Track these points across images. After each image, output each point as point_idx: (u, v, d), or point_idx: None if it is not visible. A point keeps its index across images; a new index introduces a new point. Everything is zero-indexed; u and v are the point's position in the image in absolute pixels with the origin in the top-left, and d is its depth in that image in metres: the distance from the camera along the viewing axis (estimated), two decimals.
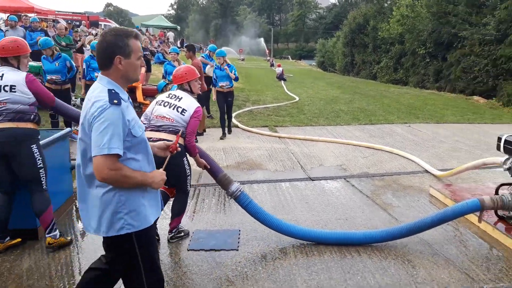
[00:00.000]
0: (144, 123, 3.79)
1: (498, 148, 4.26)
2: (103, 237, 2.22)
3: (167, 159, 2.57)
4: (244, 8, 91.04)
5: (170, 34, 34.82)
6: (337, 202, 5.05)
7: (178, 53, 9.09)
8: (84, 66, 8.13)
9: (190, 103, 3.81)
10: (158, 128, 3.73)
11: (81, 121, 2.17)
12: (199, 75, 4.14)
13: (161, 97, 3.96)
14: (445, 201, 4.95)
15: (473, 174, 6.14)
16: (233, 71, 8.27)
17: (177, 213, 3.98)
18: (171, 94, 3.93)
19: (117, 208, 2.12)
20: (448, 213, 3.82)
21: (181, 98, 3.84)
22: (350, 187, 5.64)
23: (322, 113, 11.62)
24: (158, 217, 2.41)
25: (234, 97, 8.86)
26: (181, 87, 3.98)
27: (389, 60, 27.96)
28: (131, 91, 8.31)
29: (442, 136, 8.81)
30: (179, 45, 31.29)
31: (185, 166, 3.87)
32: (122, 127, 2.07)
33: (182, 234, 4.02)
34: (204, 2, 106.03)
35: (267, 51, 66.21)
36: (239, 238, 4.00)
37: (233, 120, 10.06)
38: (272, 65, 39.80)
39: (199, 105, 3.86)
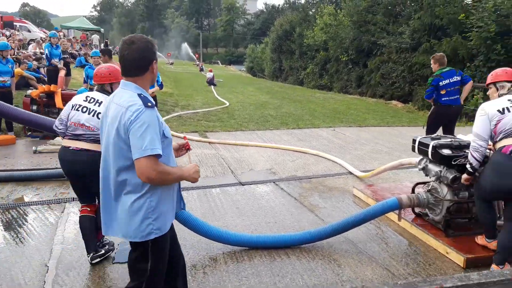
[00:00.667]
0: (59, 129, 3.55)
1: (413, 150, 4.55)
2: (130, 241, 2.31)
3: (189, 156, 2.62)
4: (172, 11, 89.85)
5: (95, 37, 33.32)
6: (267, 206, 5.11)
7: (100, 57, 8.74)
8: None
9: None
10: (77, 138, 3.46)
11: (106, 129, 2.24)
12: None
13: (77, 100, 3.59)
14: (367, 201, 5.20)
15: (392, 174, 6.52)
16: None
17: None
18: (88, 97, 3.57)
19: (147, 214, 2.19)
20: (370, 213, 4.02)
21: (101, 102, 3.50)
22: (279, 190, 5.74)
23: (252, 118, 11.75)
24: None
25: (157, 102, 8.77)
26: (101, 88, 3.62)
27: (314, 66, 29.05)
28: (49, 96, 7.83)
29: (364, 139, 9.28)
30: (102, 47, 30.04)
31: None
32: (159, 128, 2.17)
33: (107, 247, 3.76)
34: (129, 4, 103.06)
35: (196, 55, 65.79)
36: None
37: None
38: (201, 69, 39.63)
39: None
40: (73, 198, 5.13)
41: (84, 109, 3.49)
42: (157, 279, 2.35)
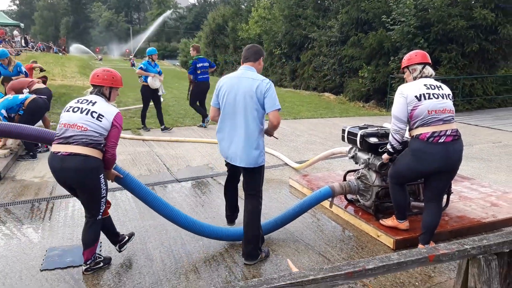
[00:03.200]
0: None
1: (343, 139, 4.73)
2: (245, 167, 3.60)
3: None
4: (99, 5, 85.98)
5: (16, 32, 31.08)
6: (205, 201, 5.07)
7: (6, 58, 8.12)
8: None
9: (107, 108, 3.23)
10: (67, 140, 3.10)
11: (241, 96, 3.49)
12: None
13: (69, 103, 3.28)
14: (303, 190, 5.34)
15: (326, 164, 6.74)
16: None
17: (91, 242, 3.33)
18: (80, 99, 3.28)
19: (261, 149, 3.63)
20: (306, 203, 4.13)
21: (95, 102, 3.23)
22: (217, 185, 5.72)
23: (188, 114, 11.59)
24: None
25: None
26: (98, 90, 3.32)
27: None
28: None
29: (299, 131, 9.50)
30: (23, 44, 28.11)
31: (102, 184, 3.24)
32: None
33: (101, 264, 3.46)
34: None
35: (127, 50, 63.62)
36: (100, 250, 3.73)
37: None
38: (133, 65, 38.42)
39: (118, 110, 3.30)
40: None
41: (76, 109, 3.19)
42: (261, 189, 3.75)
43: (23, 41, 30.57)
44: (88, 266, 3.35)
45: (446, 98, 3.58)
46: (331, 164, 6.80)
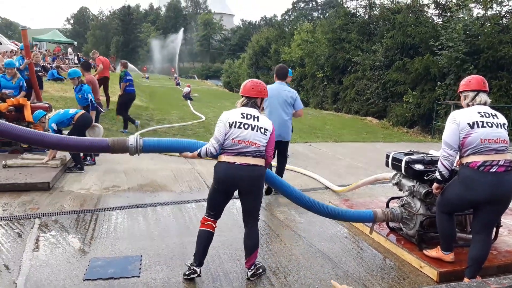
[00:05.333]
0: (215, 148, 3.51)
1: (387, 165, 4.62)
2: (282, 141, 5.82)
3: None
4: (148, 25, 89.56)
5: (70, 50, 32.84)
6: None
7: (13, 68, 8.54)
8: None
9: (267, 121, 3.60)
10: (243, 153, 3.46)
11: (276, 102, 5.86)
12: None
13: (233, 117, 3.51)
14: None
15: (368, 189, 6.59)
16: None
17: (253, 246, 3.66)
18: (244, 113, 3.53)
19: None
20: (346, 213, 4.18)
21: (258, 117, 3.55)
22: None
23: None
24: None
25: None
26: (253, 102, 3.59)
27: (291, 82, 29.28)
28: (18, 110, 7.62)
29: (340, 154, 9.38)
30: (76, 61, 29.61)
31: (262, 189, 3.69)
32: None
33: (261, 270, 3.70)
34: (104, 17, 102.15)
35: (172, 69, 65.64)
36: (140, 264, 3.79)
37: None
38: (177, 84, 39.48)
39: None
40: (43, 213, 4.99)
41: (247, 126, 3.48)
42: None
43: (75, 58, 32.21)
44: (253, 271, 3.62)
45: (501, 128, 3.45)
46: (374, 189, 6.65)
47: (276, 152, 6.02)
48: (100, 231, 4.61)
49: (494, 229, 4.14)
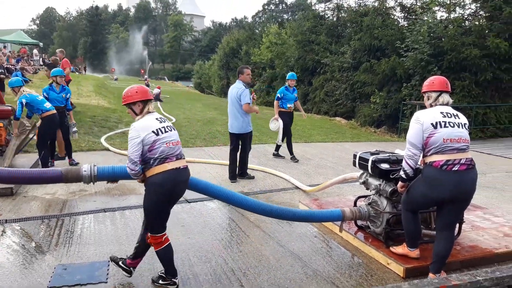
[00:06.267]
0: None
1: (354, 164, 4.70)
2: (239, 134, 6.91)
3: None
4: (117, 26, 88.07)
5: (35, 51, 31.88)
6: (213, 223, 5.05)
7: (63, 76, 8.21)
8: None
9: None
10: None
11: (230, 99, 6.89)
12: None
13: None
14: None
15: (337, 189, 6.69)
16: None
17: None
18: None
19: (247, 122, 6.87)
20: (315, 214, 4.19)
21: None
22: (226, 206, 5.70)
23: (199, 135, 11.67)
24: None
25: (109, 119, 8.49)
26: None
27: (262, 83, 29.52)
28: None
29: (310, 154, 9.49)
30: (41, 62, 28.78)
31: None
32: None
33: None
34: (71, 18, 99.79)
35: (142, 71, 64.75)
36: (108, 269, 3.71)
37: (103, 142, 9.53)
38: (147, 85, 38.92)
39: None
40: (6, 220, 4.82)
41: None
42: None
43: (41, 59, 31.29)
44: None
45: (462, 128, 3.56)
46: (342, 189, 6.75)
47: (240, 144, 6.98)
48: (65, 236, 4.49)
49: (457, 225, 4.28)
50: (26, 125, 6.93)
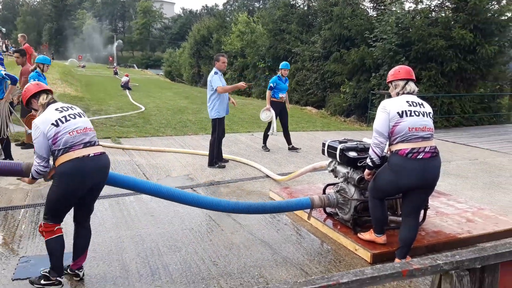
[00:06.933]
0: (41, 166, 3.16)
1: (323, 153, 4.76)
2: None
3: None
4: (83, 12, 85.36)
5: None
6: (183, 212, 5.02)
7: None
8: None
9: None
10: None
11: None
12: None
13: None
14: None
15: (306, 177, 6.76)
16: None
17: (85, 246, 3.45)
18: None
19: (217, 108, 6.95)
20: (283, 204, 4.18)
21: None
22: None
23: (170, 123, 11.53)
24: None
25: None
26: (52, 97, 3.34)
27: (233, 72, 29.35)
28: None
29: (281, 143, 9.53)
30: (4, 49, 27.65)
31: None
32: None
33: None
34: (35, 3, 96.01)
35: (110, 58, 63.22)
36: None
37: None
38: (116, 73, 38.14)
39: None
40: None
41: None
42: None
43: (3, 45, 30.05)
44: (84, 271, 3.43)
45: (427, 116, 3.64)
46: (312, 177, 6.83)
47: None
48: (30, 228, 4.37)
49: (422, 212, 4.41)
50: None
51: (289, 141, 8.82)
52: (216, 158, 7.16)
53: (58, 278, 3.21)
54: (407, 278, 2.11)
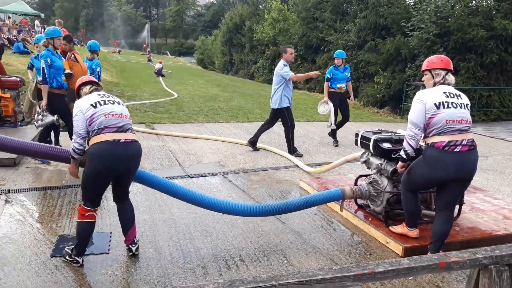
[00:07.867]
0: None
1: (356, 143, 4.71)
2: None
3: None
4: None
5: (37, 22, 31.46)
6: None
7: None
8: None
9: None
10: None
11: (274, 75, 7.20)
12: None
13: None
14: (313, 193, 5.32)
15: (337, 168, 6.69)
16: None
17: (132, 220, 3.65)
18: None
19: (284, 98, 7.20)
20: (314, 199, 4.12)
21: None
22: (227, 182, 5.74)
23: (202, 111, 11.64)
24: None
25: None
26: (96, 88, 3.55)
27: (264, 60, 29.22)
28: None
29: (312, 133, 9.48)
30: (43, 34, 28.46)
31: None
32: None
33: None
34: None
35: (144, 45, 64.14)
36: (110, 241, 3.77)
37: None
38: (149, 60, 38.69)
39: None
40: (9, 190, 4.86)
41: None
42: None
43: (42, 31, 30.91)
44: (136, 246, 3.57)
45: (465, 108, 3.53)
46: (343, 168, 6.76)
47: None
48: (68, 207, 4.54)
49: (457, 207, 4.31)
50: None
51: (334, 135, 8.52)
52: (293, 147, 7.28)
53: (77, 258, 3.35)
54: (444, 271, 2.07)
